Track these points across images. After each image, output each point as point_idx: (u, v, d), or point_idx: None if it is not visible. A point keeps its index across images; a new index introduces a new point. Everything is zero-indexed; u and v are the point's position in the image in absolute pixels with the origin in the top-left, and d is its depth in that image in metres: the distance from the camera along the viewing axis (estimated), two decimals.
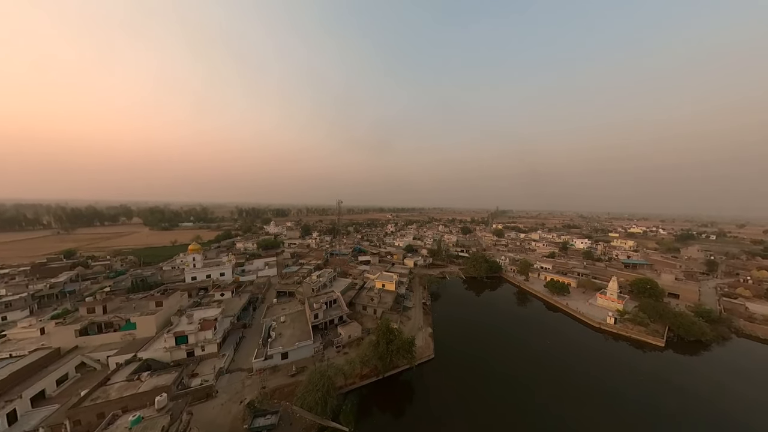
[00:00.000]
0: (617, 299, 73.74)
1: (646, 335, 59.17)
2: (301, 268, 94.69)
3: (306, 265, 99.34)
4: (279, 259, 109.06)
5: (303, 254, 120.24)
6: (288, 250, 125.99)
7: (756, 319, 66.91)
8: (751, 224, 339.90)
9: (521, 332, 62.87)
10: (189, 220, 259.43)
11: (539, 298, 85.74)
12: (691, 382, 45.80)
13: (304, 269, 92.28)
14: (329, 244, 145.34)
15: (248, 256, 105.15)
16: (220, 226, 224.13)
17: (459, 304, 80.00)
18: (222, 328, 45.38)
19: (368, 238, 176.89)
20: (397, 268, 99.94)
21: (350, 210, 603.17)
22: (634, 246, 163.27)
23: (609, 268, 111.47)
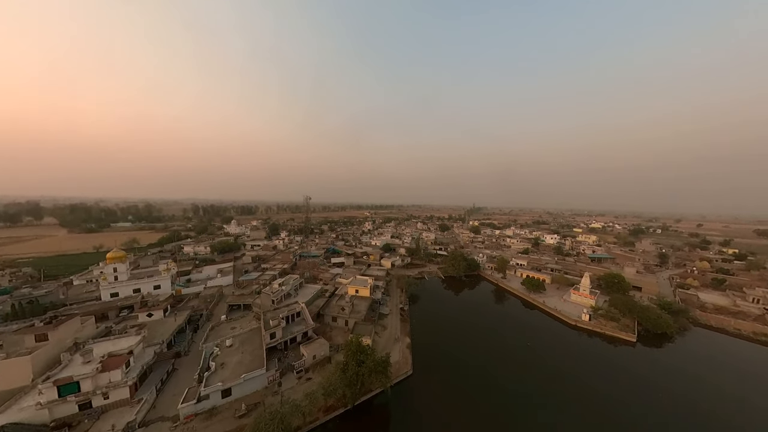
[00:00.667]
0: (590, 295, 76.31)
1: (619, 331, 60.98)
2: (262, 274, 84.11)
3: (269, 271, 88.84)
4: (237, 265, 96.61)
5: (267, 257, 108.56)
6: (250, 253, 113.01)
7: (707, 308, 73.50)
8: (685, 219, 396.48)
9: (501, 334, 61.34)
10: (127, 219, 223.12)
11: (517, 296, 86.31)
12: (664, 377, 47.44)
13: (266, 276, 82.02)
14: (299, 245, 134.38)
15: (198, 263, 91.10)
16: (168, 226, 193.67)
17: (438, 306, 76.81)
18: (141, 362, 35.24)
19: (343, 238, 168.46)
20: (374, 270, 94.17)
21: (326, 207, 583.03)
22: (597, 241, 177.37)
23: (578, 263, 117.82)
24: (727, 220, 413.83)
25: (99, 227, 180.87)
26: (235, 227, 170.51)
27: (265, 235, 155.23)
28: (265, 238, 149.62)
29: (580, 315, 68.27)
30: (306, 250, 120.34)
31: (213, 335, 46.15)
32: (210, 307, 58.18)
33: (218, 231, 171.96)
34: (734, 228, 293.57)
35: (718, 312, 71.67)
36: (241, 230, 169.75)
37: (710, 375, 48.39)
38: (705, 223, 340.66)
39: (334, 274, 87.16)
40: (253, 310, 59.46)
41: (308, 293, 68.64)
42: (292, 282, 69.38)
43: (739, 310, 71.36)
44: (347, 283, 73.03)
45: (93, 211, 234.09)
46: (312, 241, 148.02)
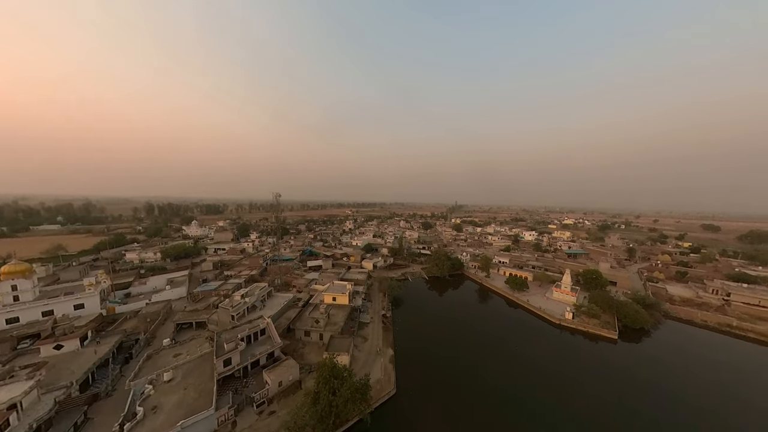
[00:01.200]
0: (571, 292, 77.53)
1: (602, 329, 61.72)
2: (224, 283, 74.47)
3: (234, 279, 79.25)
4: (195, 273, 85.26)
5: (232, 263, 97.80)
6: (212, 258, 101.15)
7: (675, 300, 78.14)
8: (643, 215, 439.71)
9: (488, 338, 59.36)
10: (56, 221, 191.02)
11: (501, 295, 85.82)
12: (647, 370, 48.82)
13: (229, 285, 72.66)
14: (271, 247, 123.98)
15: (143, 272, 78.50)
16: (110, 228, 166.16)
17: (423, 310, 73.31)
18: (31, 418, 26.37)
19: (322, 238, 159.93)
20: (354, 274, 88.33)
21: (305, 205, 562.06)
22: (571, 236, 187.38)
23: (556, 259, 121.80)
24: (678, 216, 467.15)
25: (13, 231, 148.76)
26: (196, 229, 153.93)
27: (233, 237, 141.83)
28: (231, 241, 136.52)
29: (563, 313, 68.63)
30: (278, 253, 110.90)
31: (149, 367, 37.55)
32: (152, 328, 48.52)
33: (175, 233, 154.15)
34: (684, 223, 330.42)
35: (685, 304, 76.40)
36: (203, 232, 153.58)
37: (687, 366, 50.82)
38: (660, 218, 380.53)
39: (309, 280, 79.92)
40: (208, 328, 50.96)
41: (278, 304, 61.12)
42: (258, 292, 61.32)
43: (702, 302, 76.59)
44: (323, 290, 66.56)
45: (5, 211, 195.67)
46: (286, 242, 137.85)
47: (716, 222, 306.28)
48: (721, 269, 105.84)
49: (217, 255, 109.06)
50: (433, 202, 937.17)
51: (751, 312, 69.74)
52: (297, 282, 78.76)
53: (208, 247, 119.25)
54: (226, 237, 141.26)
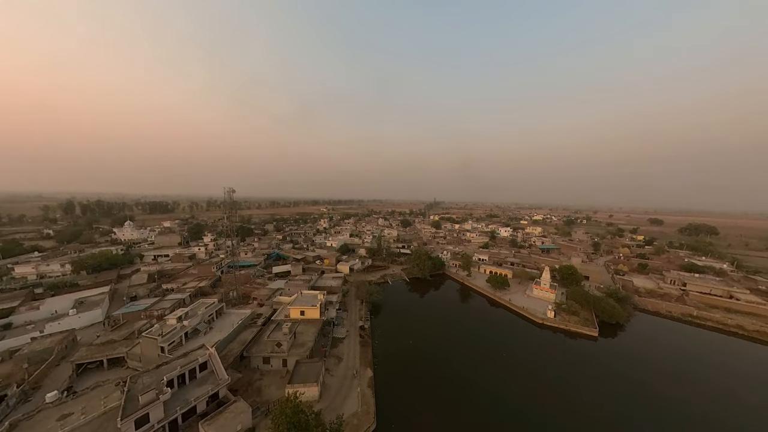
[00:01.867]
0: (550, 289, 78.29)
1: (583, 327, 62.01)
2: (159, 301, 61.29)
3: (174, 294, 66.11)
4: (122, 288, 69.91)
5: (176, 273, 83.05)
6: (148, 268, 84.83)
7: (641, 292, 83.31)
8: (599, 211, 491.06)
9: (472, 342, 56.75)
10: None
11: (483, 295, 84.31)
12: (628, 365, 50.37)
13: (166, 302, 59.88)
14: (227, 251, 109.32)
15: (41, 291, 61.40)
16: (1, 233, 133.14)
17: (404, 316, 68.11)
18: None
19: (293, 239, 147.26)
20: (327, 280, 79.92)
21: (274, 202, 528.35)
22: (542, 232, 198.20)
23: (532, 254, 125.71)
24: (628, 211, 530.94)
25: None
26: (130, 231, 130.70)
27: (180, 241, 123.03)
28: (179, 245, 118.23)
29: (545, 311, 68.37)
30: (236, 259, 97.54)
31: None
32: (34, 374, 35.59)
33: (102, 238, 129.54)
34: (633, 218, 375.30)
35: (650, 295, 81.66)
36: (140, 235, 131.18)
37: (661, 358, 53.14)
38: (614, 214, 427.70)
39: (273, 290, 69.76)
40: (127, 366, 39.49)
41: (230, 324, 50.96)
42: (204, 311, 50.48)
43: (664, 292, 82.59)
44: (290, 303, 57.55)
45: None
46: (249, 245, 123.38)
47: (660, 216, 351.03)
48: (673, 260, 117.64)
49: (156, 264, 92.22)
50: (411, 198, 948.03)
51: (706, 300, 76.45)
52: (258, 293, 68.21)
53: (145, 254, 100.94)
54: (172, 241, 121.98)
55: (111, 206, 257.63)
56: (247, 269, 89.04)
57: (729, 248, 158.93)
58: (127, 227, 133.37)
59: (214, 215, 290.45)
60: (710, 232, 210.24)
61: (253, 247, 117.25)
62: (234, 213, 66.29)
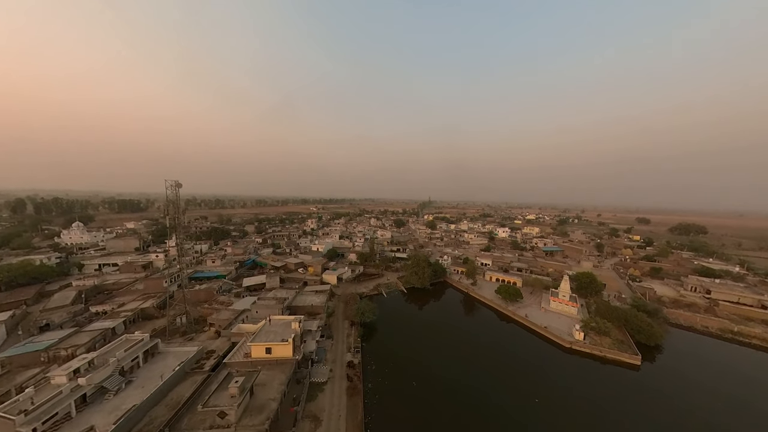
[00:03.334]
0: (570, 302, 67.34)
1: (622, 352, 50.81)
2: (74, 333, 44.81)
3: (102, 321, 49.72)
4: (35, 312, 52.60)
5: (118, 288, 66.00)
6: (81, 282, 67.16)
7: (665, 302, 73.94)
8: (587, 210, 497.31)
9: (492, 381, 44.00)
10: None
11: (492, 308, 72.42)
12: (691, 402, 39.58)
13: (85, 335, 43.67)
14: (194, 259, 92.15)
15: None
16: None
17: (403, 339, 54.98)
18: None
19: (274, 242, 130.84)
20: (308, 296, 65.26)
21: (261, 201, 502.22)
22: (540, 232, 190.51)
23: (537, 258, 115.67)
24: (614, 210, 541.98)
25: None
26: (79, 233, 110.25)
27: (138, 246, 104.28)
28: (135, 251, 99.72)
29: (571, 331, 57.07)
30: (201, 268, 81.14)
31: None
32: None
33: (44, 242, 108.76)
34: (620, 217, 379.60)
35: (675, 305, 72.35)
36: (91, 238, 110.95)
37: (729, 390, 42.76)
38: (602, 213, 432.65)
39: (238, 313, 54.38)
40: None
41: (162, 371, 35.69)
42: (124, 354, 35.01)
43: (690, 302, 73.44)
44: (253, 335, 42.71)
45: None
46: (221, 250, 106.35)
47: (645, 216, 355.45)
48: (683, 263, 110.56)
49: (97, 276, 74.27)
50: (403, 198, 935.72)
51: (739, 312, 67.67)
52: (217, 317, 52.70)
53: (87, 263, 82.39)
54: (128, 245, 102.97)
55: (72, 204, 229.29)
56: (211, 282, 72.85)
57: (723, 248, 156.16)
58: (74, 229, 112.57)
59: (192, 214, 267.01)
60: (700, 232, 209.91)
61: (224, 252, 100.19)
62: (180, 213, 50.38)
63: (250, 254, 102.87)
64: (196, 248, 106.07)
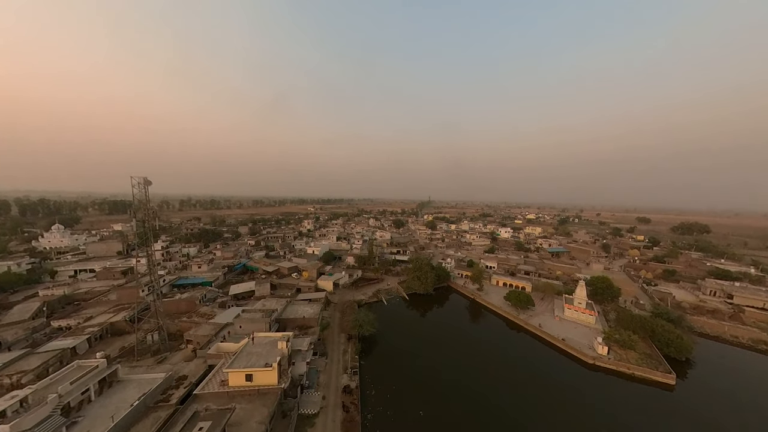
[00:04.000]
0: (587, 309, 61.64)
1: (652, 369, 45.10)
2: (24, 355, 38.05)
3: (64, 339, 43.08)
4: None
5: (90, 297, 59.18)
6: (50, 292, 60.23)
7: (686, 308, 68.55)
8: (585, 209, 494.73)
9: (510, 405, 37.78)
10: None
11: (501, 316, 66.63)
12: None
13: (36, 358, 37.08)
14: (179, 264, 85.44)
15: None
16: None
17: (406, 355, 48.92)
18: None
19: (268, 244, 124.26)
20: (300, 306, 58.84)
21: (258, 202, 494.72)
22: (542, 232, 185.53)
23: (544, 260, 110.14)
24: (612, 209, 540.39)
25: None
26: (59, 237, 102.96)
27: (120, 249, 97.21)
28: (117, 255, 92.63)
29: (592, 344, 51.43)
30: (186, 274, 74.36)
31: None
32: None
33: (21, 246, 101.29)
34: (619, 216, 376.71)
35: (697, 312, 67.02)
36: (71, 242, 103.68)
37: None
38: (600, 212, 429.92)
39: (220, 327, 47.90)
40: None
41: (119, 406, 29.24)
42: (67, 388, 28.50)
43: (712, 308, 68.13)
44: (234, 354, 36.31)
45: None
46: (211, 253, 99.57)
47: (644, 215, 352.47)
48: (695, 264, 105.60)
49: (70, 284, 67.31)
50: (402, 197, 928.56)
51: (767, 320, 62.44)
52: (195, 333, 46.19)
53: (61, 270, 75.36)
54: (110, 249, 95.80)
55: (60, 206, 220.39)
56: (195, 290, 66.20)
57: (729, 248, 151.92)
58: (54, 232, 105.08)
59: (186, 215, 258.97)
60: (703, 231, 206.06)
61: (212, 256, 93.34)
62: (151, 215, 43.90)
63: (240, 258, 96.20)
64: (185, 251, 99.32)
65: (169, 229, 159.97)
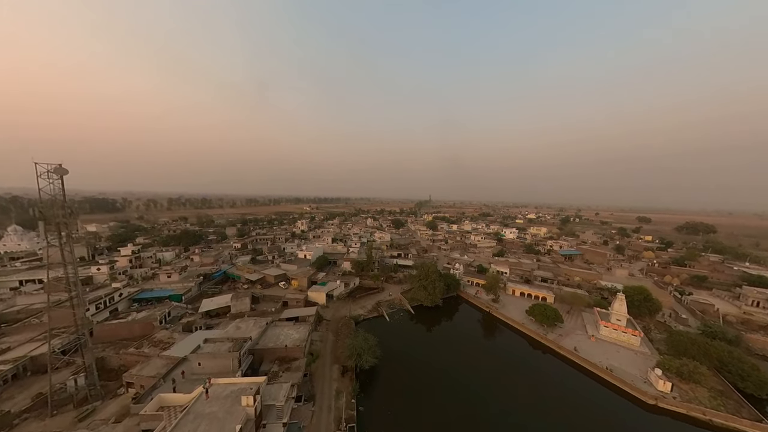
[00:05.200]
0: (629, 328, 51.29)
1: (738, 418, 34.67)
2: None
3: None
4: None
5: (24, 318, 46.70)
6: None
7: (731, 322, 58.86)
8: (583, 209, 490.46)
9: None
10: None
11: (522, 334, 56.09)
12: None
13: None
14: (148, 271, 72.78)
15: None
16: None
17: (416, 389, 37.84)
18: None
19: (256, 247, 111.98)
20: (284, 328, 47.04)
21: (252, 200, 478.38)
22: (548, 233, 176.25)
23: (560, 265, 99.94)
24: (610, 209, 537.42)
25: None
26: (17, 240, 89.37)
27: (85, 255, 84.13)
28: (80, 260, 79.43)
29: (644, 374, 41.15)
30: (150, 285, 61.96)
31: None
32: None
33: None
34: (618, 215, 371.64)
35: (746, 327, 57.33)
36: (32, 245, 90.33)
37: None
38: (599, 212, 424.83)
39: (171, 364, 35.93)
40: None
41: None
42: None
43: (764, 323, 58.51)
44: (174, 422, 24.52)
45: None
46: (188, 258, 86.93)
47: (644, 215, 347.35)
48: (720, 268, 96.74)
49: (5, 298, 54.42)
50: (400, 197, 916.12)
51: None
52: (139, 373, 34.23)
53: (2, 280, 62.37)
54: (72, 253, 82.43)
55: (32, 205, 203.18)
56: (158, 306, 53.93)
57: (740, 249, 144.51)
58: (10, 234, 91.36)
59: (174, 214, 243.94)
60: (709, 231, 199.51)
61: (187, 263, 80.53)
62: (66, 213, 32.00)
63: (222, 264, 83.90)
64: (160, 256, 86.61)
65: (151, 230, 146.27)
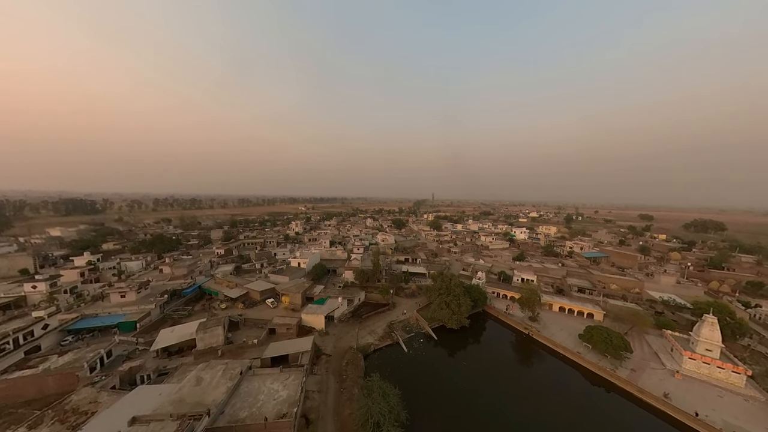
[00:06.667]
0: (727, 363, 38.61)
1: None
2: None
3: None
4: None
5: None
6: None
7: None
8: (582, 207, 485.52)
9: None
10: None
11: (579, 366, 43.11)
12: None
13: None
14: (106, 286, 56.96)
15: None
16: None
17: None
18: None
19: (242, 253, 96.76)
20: (263, 380, 32.43)
21: (244, 200, 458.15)
22: (557, 232, 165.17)
23: (590, 270, 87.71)
24: (609, 207, 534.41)
25: None
26: None
27: (28, 267, 67.50)
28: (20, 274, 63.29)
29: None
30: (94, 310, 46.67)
31: None
32: None
33: None
34: (617, 213, 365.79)
35: None
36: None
37: None
38: (599, 210, 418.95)
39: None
40: None
41: None
42: None
43: None
44: None
45: None
46: (156, 269, 71.18)
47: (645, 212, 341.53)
48: (763, 271, 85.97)
49: None
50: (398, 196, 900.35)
51: None
52: None
53: None
54: (13, 266, 66.07)
55: (2, 206, 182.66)
56: (97, 342, 38.66)
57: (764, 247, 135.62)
58: None
59: (160, 215, 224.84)
60: (719, 229, 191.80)
61: (148, 279, 64.23)
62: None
63: (198, 275, 68.60)
64: (123, 266, 70.81)
65: (127, 234, 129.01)
